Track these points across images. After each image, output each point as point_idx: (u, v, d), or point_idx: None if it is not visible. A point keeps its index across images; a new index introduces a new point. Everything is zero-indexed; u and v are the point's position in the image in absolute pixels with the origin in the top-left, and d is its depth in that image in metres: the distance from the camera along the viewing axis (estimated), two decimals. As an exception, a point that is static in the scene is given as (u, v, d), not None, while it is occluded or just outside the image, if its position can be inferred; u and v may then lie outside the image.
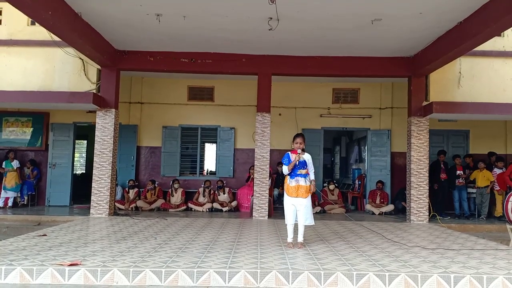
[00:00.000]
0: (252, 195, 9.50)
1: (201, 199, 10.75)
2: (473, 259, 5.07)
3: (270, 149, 9.32)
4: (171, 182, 10.92)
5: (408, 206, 9.11)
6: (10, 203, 10.55)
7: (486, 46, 8.03)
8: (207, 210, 10.40)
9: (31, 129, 11.32)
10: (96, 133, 9.03)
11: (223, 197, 10.73)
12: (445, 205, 10.35)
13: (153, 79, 11.62)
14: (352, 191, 12.07)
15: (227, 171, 11.66)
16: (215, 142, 11.86)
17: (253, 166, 9.51)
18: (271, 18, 6.99)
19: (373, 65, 9.19)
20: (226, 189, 10.87)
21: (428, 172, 9.04)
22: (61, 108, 10.46)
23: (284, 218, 5.74)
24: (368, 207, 10.78)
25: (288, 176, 5.60)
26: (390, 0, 6.34)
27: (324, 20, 7.18)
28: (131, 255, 4.86)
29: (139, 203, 10.42)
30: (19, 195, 10.83)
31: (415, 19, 7.02)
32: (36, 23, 7.53)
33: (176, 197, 10.71)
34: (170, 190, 10.81)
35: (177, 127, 11.71)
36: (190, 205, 10.61)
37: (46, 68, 8.97)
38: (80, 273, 4.20)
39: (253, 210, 9.12)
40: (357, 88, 11.73)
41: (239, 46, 8.76)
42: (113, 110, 9.06)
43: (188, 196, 10.92)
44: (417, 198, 8.92)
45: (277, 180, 10.94)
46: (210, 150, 12.44)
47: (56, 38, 8.00)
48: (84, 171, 15.17)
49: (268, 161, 9.20)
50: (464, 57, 8.69)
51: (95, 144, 9.02)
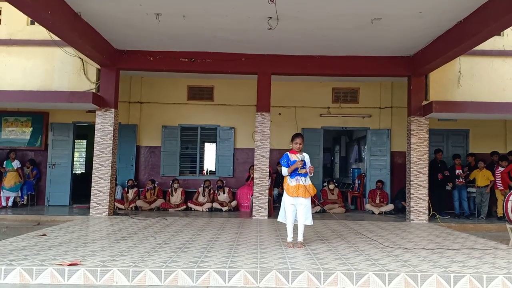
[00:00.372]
0: (252, 195, 9.50)
1: (201, 199, 10.75)
2: (473, 259, 5.07)
3: (270, 149, 9.32)
4: (171, 182, 10.91)
5: (408, 206, 9.11)
6: (10, 203, 10.55)
7: (486, 46, 8.03)
8: (207, 210, 10.40)
9: (31, 129, 11.31)
10: (96, 133, 9.03)
11: (223, 197, 10.73)
12: (445, 205, 10.33)
13: (153, 79, 11.62)
14: (352, 191, 12.07)
15: (227, 171, 11.65)
16: (215, 142, 11.86)
17: (253, 166, 9.52)
18: (271, 18, 6.99)
19: (373, 65, 9.19)
20: (226, 189, 10.88)
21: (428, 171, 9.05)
22: (61, 108, 10.45)
23: (278, 216, 5.78)
24: (368, 207, 10.78)
25: (288, 176, 5.61)
26: (389, 0, 6.34)
27: (324, 20, 7.18)
28: (131, 255, 4.86)
29: (139, 203, 10.41)
30: (19, 195, 10.82)
31: (415, 19, 7.02)
32: (36, 23, 7.52)
33: (176, 197, 10.71)
34: (170, 190, 10.80)
35: (177, 127, 11.70)
36: (190, 205, 10.60)
37: (46, 68, 8.97)
38: (80, 273, 4.19)
39: (253, 210, 9.12)
40: (357, 88, 11.73)
41: (239, 46, 8.75)
42: (113, 110, 9.06)
43: (188, 196, 10.92)
44: (417, 198, 8.92)
45: (277, 180, 10.93)
46: (210, 150, 12.45)
47: (56, 38, 8.00)
48: (84, 171, 15.16)
49: (268, 161, 9.20)
50: (464, 57, 8.68)
51: (95, 144, 9.02)
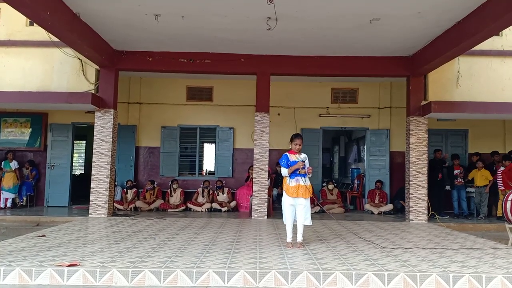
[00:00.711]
0: (251, 195, 9.50)
1: (200, 199, 10.75)
2: (472, 258, 5.07)
3: (269, 149, 9.32)
4: (170, 182, 10.91)
5: (407, 206, 9.12)
6: (9, 204, 10.53)
7: (485, 46, 8.03)
8: (206, 210, 10.39)
9: (30, 130, 11.31)
10: (95, 134, 9.02)
11: (222, 197, 10.73)
12: (444, 205, 10.34)
13: (152, 79, 11.61)
14: (351, 191, 12.08)
15: (226, 171, 11.65)
16: (214, 142, 11.85)
17: (252, 166, 9.51)
18: (270, 18, 6.99)
19: (372, 65, 9.20)
20: (226, 189, 10.88)
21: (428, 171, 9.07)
22: (60, 109, 10.46)
23: (282, 218, 5.76)
24: (367, 207, 10.79)
25: (288, 176, 5.61)
26: (388, 0, 6.34)
27: (323, 20, 7.18)
28: (130, 256, 4.86)
29: (138, 204, 10.41)
30: (18, 196, 10.80)
31: (414, 19, 7.02)
32: (35, 24, 7.52)
33: (175, 197, 10.70)
34: (169, 190, 10.80)
35: (176, 127, 11.70)
36: (189, 205, 10.60)
37: (45, 69, 8.96)
38: (79, 274, 4.19)
39: (252, 210, 9.12)
40: (356, 88, 11.73)
41: (238, 46, 8.75)
42: (112, 111, 9.05)
43: (187, 196, 10.91)
44: (416, 198, 8.92)
45: (276, 180, 10.93)
46: (209, 150, 12.44)
47: (55, 39, 7.99)
48: (83, 172, 15.15)
49: (267, 161, 9.20)
50: (463, 57, 8.69)
51: (94, 145, 9.01)
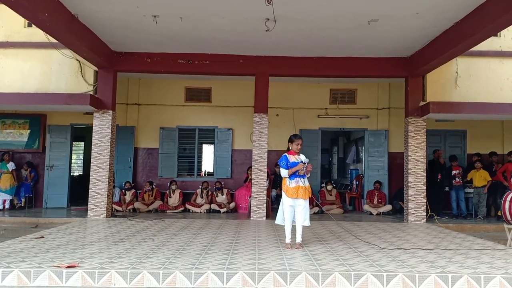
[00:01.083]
0: (250, 196, 9.50)
1: (199, 200, 10.74)
2: (471, 259, 5.08)
3: (268, 150, 9.32)
4: (169, 184, 10.90)
5: (406, 206, 9.12)
6: (7, 205, 10.50)
7: (483, 46, 8.03)
8: (205, 211, 10.38)
9: (28, 131, 11.29)
10: (93, 135, 9.01)
11: (221, 198, 10.73)
12: (443, 205, 10.35)
13: (150, 80, 11.61)
14: (350, 192, 12.10)
15: (225, 172, 11.64)
16: (213, 143, 11.85)
17: (251, 167, 9.51)
18: (268, 19, 6.99)
19: (370, 66, 9.21)
20: (225, 191, 10.87)
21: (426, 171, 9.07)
22: (58, 110, 10.44)
23: (276, 219, 5.80)
24: (366, 208, 10.79)
25: (288, 178, 5.61)
26: (387, 1, 6.35)
27: (321, 21, 7.19)
28: (129, 257, 4.85)
29: (137, 205, 10.40)
30: (17, 197, 10.77)
31: (412, 19, 7.03)
32: (33, 25, 7.50)
33: (174, 199, 10.69)
34: (168, 192, 10.79)
35: (175, 128, 11.69)
36: (188, 207, 10.58)
37: (43, 70, 8.95)
38: (78, 275, 4.19)
39: (251, 211, 9.12)
40: (354, 89, 11.74)
41: (237, 47, 8.76)
42: (110, 112, 9.04)
43: (186, 198, 10.90)
44: (415, 198, 8.93)
45: (275, 181, 10.93)
46: (208, 151, 12.45)
47: (53, 40, 7.98)
48: (82, 173, 15.13)
49: (266, 162, 9.20)
50: (461, 57, 8.70)
51: (92, 146, 8.99)
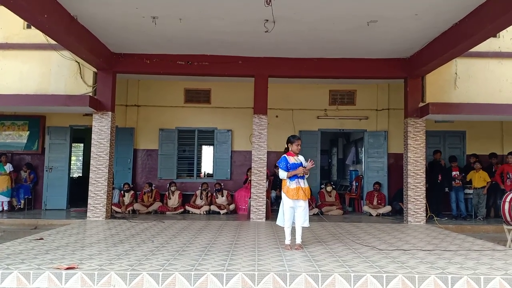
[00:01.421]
0: (250, 197, 9.49)
1: (198, 202, 10.73)
2: (471, 260, 5.08)
3: (267, 151, 9.32)
4: (168, 185, 10.89)
5: (405, 207, 9.12)
6: (5, 207, 10.46)
7: (482, 47, 8.06)
8: (205, 213, 10.38)
9: (28, 133, 11.28)
10: (93, 136, 9.00)
11: (222, 200, 10.72)
12: (442, 206, 10.35)
13: (150, 82, 11.61)
14: (350, 193, 12.09)
15: (224, 174, 11.64)
16: (212, 145, 11.85)
17: (251, 168, 9.50)
18: (267, 20, 7.00)
19: (370, 67, 9.22)
20: (225, 192, 10.85)
21: (426, 172, 9.07)
22: (58, 111, 10.43)
23: (277, 220, 5.80)
24: (366, 209, 10.79)
25: (288, 179, 5.60)
26: (386, 2, 6.36)
27: (320, 22, 7.19)
28: (128, 258, 4.85)
29: (136, 206, 10.39)
30: (16, 199, 10.75)
31: (411, 20, 7.04)
32: (32, 27, 7.51)
33: (173, 200, 10.68)
34: (167, 193, 10.78)
35: (174, 130, 11.69)
36: (188, 208, 10.57)
37: (42, 71, 8.95)
38: (77, 277, 4.18)
39: (251, 212, 9.11)
40: (354, 90, 11.75)
41: (236, 48, 8.76)
42: (110, 113, 9.04)
43: (185, 199, 10.89)
44: (414, 199, 8.93)
45: (275, 182, 10.92)
46: (207, 153, 12.44)
47: (52, 41, 7.98)
48: (81, 174, 15.12)
49: (265, 163, 9.20)
50: (460, 58, 8.71)
51: (92, 147, 8.99)
